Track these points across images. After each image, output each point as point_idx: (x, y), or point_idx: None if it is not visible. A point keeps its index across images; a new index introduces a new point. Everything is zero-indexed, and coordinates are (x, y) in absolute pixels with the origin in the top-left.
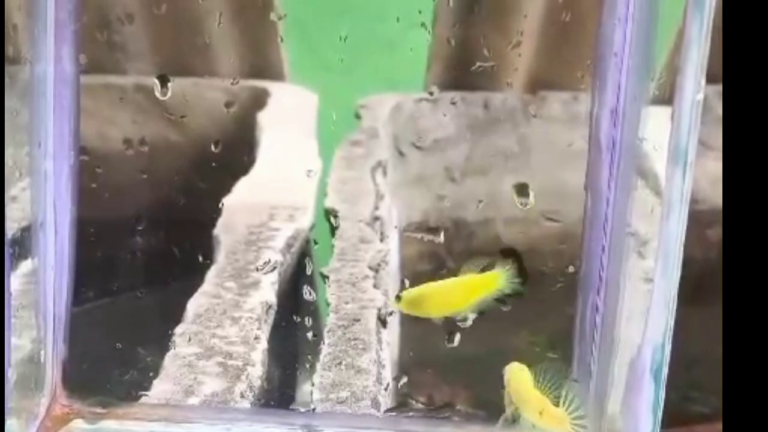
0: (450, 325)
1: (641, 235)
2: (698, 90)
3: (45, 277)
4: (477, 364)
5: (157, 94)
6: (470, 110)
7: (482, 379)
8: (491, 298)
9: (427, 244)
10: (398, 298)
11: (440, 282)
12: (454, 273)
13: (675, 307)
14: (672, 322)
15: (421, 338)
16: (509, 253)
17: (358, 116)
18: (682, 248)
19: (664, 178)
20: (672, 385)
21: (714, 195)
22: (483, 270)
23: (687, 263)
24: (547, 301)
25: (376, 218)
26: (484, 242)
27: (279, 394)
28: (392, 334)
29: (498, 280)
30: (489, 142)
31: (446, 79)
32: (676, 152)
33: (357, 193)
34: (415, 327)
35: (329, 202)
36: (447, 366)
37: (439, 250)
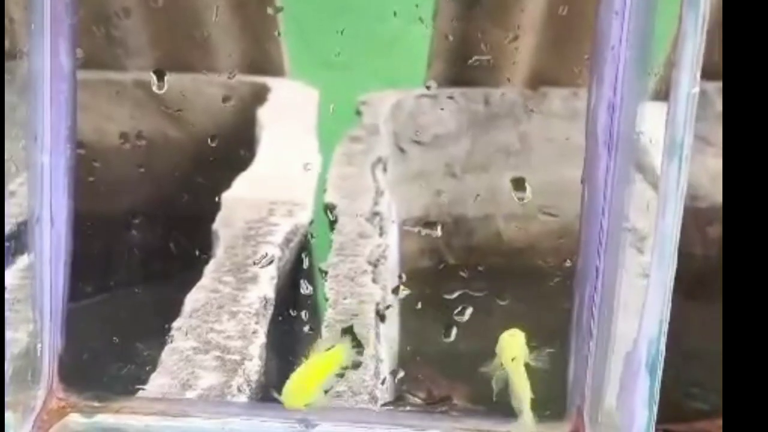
0: (447, 319)
1: (639, 230)
2: (694, 84)
3: (42, 272)
4: (475, 358)
5: (154, 88)
6: (471, 106)
7: (480, 373)
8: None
9: (427, 240)
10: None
11: (297, 371)
12: (453, 268)
13: (670, 301)
14: (667, 316)
15: (420, 333)
16: (346, 331)
17: (358, 113)
18: (677, 242)
19: (660, 171)
20: (672, 381)
21: (714, 191)
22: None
23: (688, 260)
24: (545, 296)
25: (376, 213)
26: (484, 238)
27: (276, 388)
28: (391, 328)
29: (341, 354)
30: (489, 138)
31: (447, 76)
32: (672, 146)
33: (357, 188)
34: (414, 322)
35: (329, 198)
36: (445, 361)
37: (439, 246)
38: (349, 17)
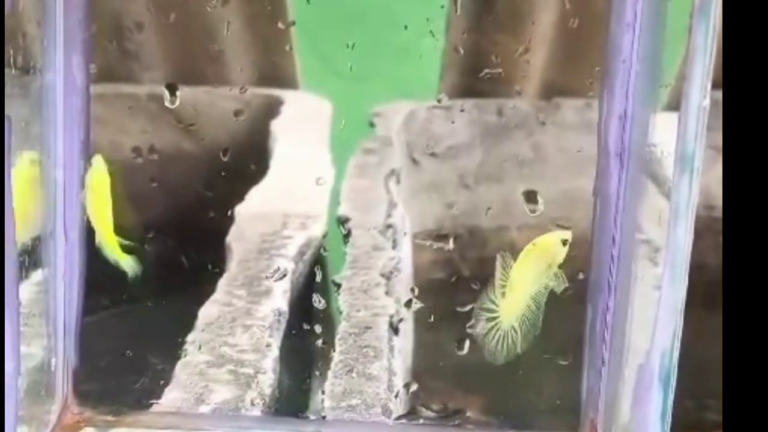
0: (460, 332)
1: (653, 241)
2: (704, 96)
3: (55, 286)
4: (488, 371)
5: (167, 103)
6: (484, 117)
7: (494, 384)
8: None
9: (440, 252)
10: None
11: None
12: (467, 280)
13: (683, 313)
14: (680, 329)
15: (434, 346)
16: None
17: (372, 124)
18: (689, 255)
19: (672, 184)
20: (686, 392)
21: None
22: None
23: (701, 269)
24: (558, 308)
25: (389, 226)
26: (499, 249)
27: (290, 401)
28: (405, 341)
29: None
30: (503, 149)
31: (460, 87)
32: (683, 158)
33: (370, 201)
34: (427, 334)
35: (342, 210)
36: (459, 373)
37: (453, 257)
38: (361, 28)
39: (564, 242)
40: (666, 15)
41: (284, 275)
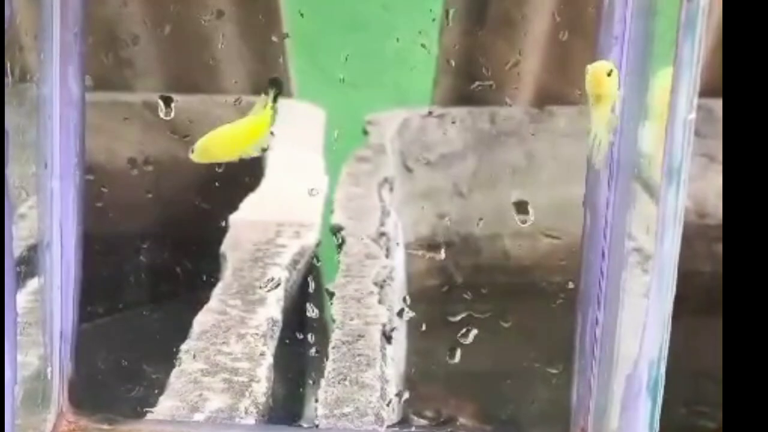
0: (452, 341)
1: (643, 249)
2: (690, 110)
3: (51, 295)
4: (480, 378)
5: (161, 114)
6: (477, 125)
7: (485, 393)
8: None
9: (433, 260)
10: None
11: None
12: (461, 288)
13: (670, 323)
14: (667, 338)
15: (427, 354)
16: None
17: (365, 132)
18: (676, 266)
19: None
20: (680, 399)
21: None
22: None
23: (696, 277)
24: (549, 316)
25: (382, 234)
26: (492, 257)
27: (284, 410)
28: (398, 349)
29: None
30: (496, 156)
31: (453, 95)
32: (670, 171)
33: (363, 209)
34: (420, 342)
35: (335, 219)
36: (451, 381)
37: (446, 265)
38: (355, 38)
39: (609, 73)
40: (653, 28)
41: (278, 285)
